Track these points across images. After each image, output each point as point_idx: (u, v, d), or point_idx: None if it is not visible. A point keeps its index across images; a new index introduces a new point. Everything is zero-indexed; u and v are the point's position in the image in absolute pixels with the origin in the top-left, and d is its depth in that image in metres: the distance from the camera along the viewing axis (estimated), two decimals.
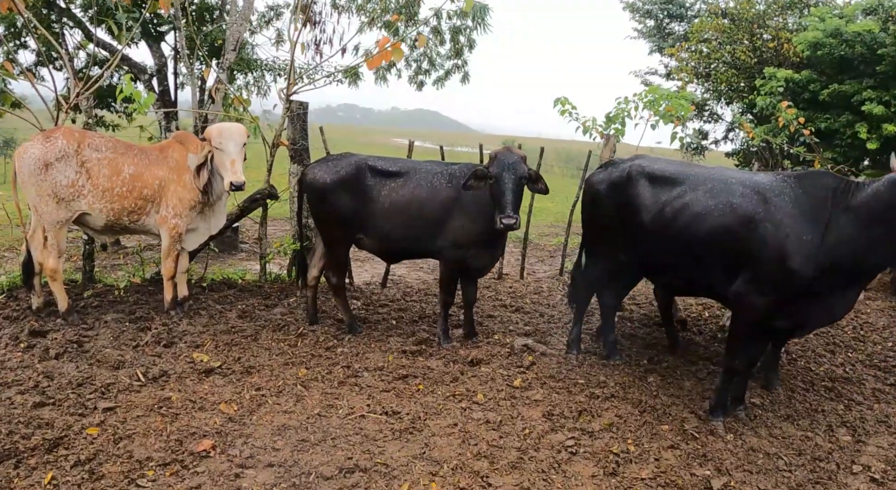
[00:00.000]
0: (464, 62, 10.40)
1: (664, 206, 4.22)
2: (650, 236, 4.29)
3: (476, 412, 4.08)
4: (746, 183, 3.98)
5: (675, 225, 4.12)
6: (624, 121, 7.27)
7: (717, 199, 3.99)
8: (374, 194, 4.88)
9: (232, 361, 4.62)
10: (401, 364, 4.69)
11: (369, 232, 4.97)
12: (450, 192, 4.83)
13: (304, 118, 5.86)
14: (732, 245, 3.88)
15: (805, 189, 3.77)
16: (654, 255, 4.36)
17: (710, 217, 3.98)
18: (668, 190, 4.26)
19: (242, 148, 4.95)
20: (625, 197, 4.46)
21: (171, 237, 5.13)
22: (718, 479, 3.55)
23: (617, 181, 4.56)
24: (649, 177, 4.40)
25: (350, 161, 4.96)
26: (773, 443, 4.01)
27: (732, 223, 3.89)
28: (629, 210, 4.42)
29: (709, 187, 4.08)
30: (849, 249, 3.55)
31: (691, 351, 5.40)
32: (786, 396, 4.67)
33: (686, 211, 4.09)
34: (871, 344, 6.05)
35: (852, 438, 4.19)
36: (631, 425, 4.01)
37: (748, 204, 3.87)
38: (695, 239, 4.03)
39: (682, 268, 4.22)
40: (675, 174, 4.31)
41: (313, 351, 4.86)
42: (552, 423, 3.98)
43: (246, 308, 5.53)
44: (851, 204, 3.58)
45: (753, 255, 3.79)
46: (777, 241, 3.70)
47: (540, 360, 4.83)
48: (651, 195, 4.32)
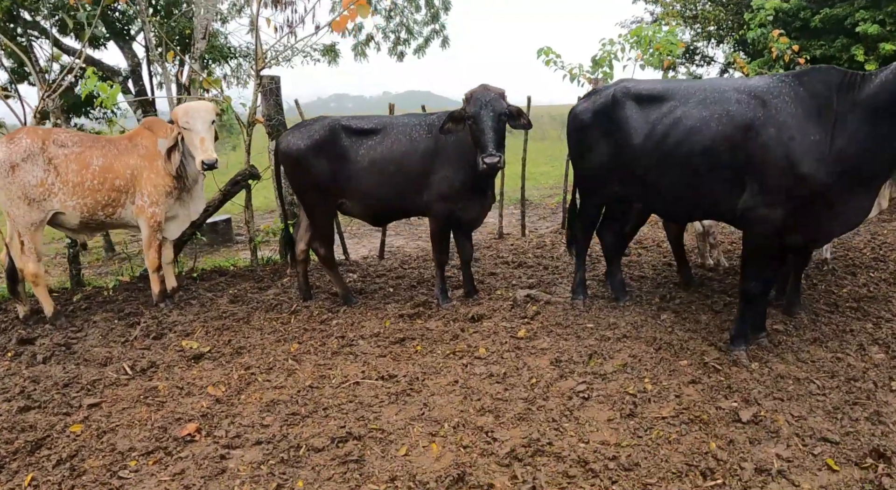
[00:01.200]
0: (442, 26, 9.90)
1: (655, 124, 3.78)
2: (644, 160, 3.85)
3: (478, 367, 3.69)
4: (741, 88, 3.54)
5: (670, 142, 3.69)
6: (611, 64, 6.78)
7: (711, 109, 3.57)
8: (351, 155, 4.48)
9: (222, 345, 4.27)
10: (398, 329, 4.31)
11: (351, 195, 4.57)
12: (429, 142, 4.41)
13: (278, 92, 5.46)
14: (734, 156, 3.46)
15: (807, 87, 3.31)
16: (651, 181, 3.90)
17: (706, 128, 3.55)
18: (658, 107, 3.82)
19: (211, 125, 4.57)
20: (613, 122, 4.02)
21: (150, 227, 4.77)
22: (747, 410, 3.13)
23: (602, 108, 4.11)
24: (636, 97, 3.95)
25: (323, 124, 4.56)
26: (802, 367, 3.57)
27: (730, 132, 3.46)
28: (619, 135, 3.98)
29: (700, 98, 3.65)
30: (861, 148, 3.13)
31: (706, 286, 4.95)
32: (810, 320, 4.22)
33: (679, 126, 3.66)
34: (892, 262, 5.56)
35: (886, 355, 3.74)
36: (647, 364, 3.59)
37: (745, 110, 3.43)
38: (692, 155, 3.60)
39: (683, 189, 3.75)
40: (663, 91, 3.88)
41: (307, 326, 4.50)
42: (561, 370, 3.58)
43: (238, 293, 5.17)
44: (859, 98, 3.15)
45: (758, 163, 3.37)
46: (782, 145, 3.28)
47: (545, 309, 4.42)
48: (640, 115, 3.88)
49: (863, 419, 3.09)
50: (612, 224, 4.53)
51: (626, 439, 2.94)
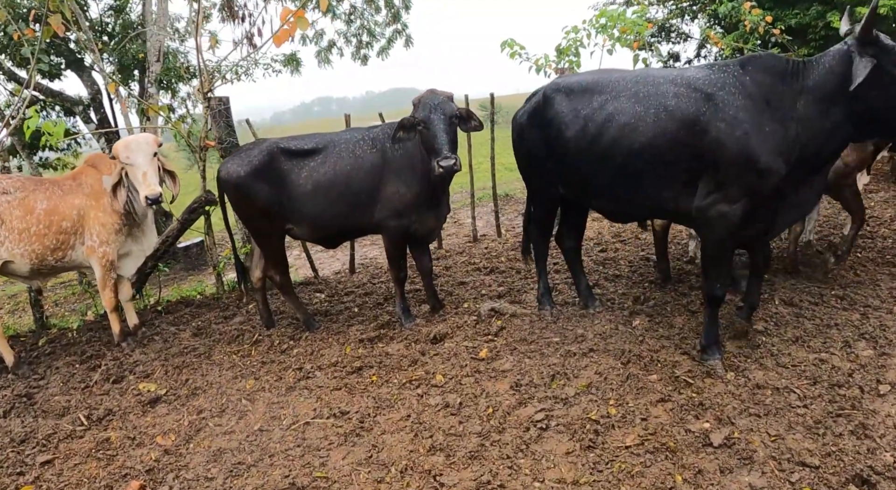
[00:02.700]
0: (404, 26, 9.43)
1: (587, 120, 3.39)
2: (580, 159, 3.46)
3: (433, 397, 3.34)
4: (678, 81, 3.16)
5: (604, 140, 3.30)
6: (577, 51, 6.31)
7: (646, 104, 3.20)
8: (293, 178, 4.09)
9: (179, 386, 3.98)
10: (357, 355, 3.97)
11: (298, 220, 4.19)
12: (376, 157, 4.03)
13: (228, 114, 5.09)
14: (679, 154, 3.11)
15: (752, 77, 3.03)
16: (590, 181, 3.51)
17: (642, 125, 3.18)
18: (588, 101, 3.43)
19: (153, 158, 4.23)
20: (546, 120, 3.62)
21: (102, 266, 4.46)
22: (719, 432, 2.76)
23: (535, 108, 3.72)
24: (566, 91, 3.56)
25: (261, 148, 4.17)
26: (783, 374, 3.18)
27: (672, 128, 3.10)
28: (552, 134, 3.59)
29: (633, 92, 3.26)
30: (813, 135, 2.94)
31: (683, 282, 4.55)
32: (793, 316, 3.81)
33: (612, 122, 3.28)
34: (881, 239, 5.10)
35: (874, 352, 3.34)
36: (613, 382, 3.22)
37: (687, 104, 3.09)
38: (630, 153, 3.22)
39: (624, 189, 3.35)
40: (593, 83, 3.46)
41: (266, 357, 4.18)
42: (520, 396, 3.22)
43: (201, 324, 4.86)
44: (806, 86, 2.95)
45: (711, 161, 3.04)
46: (736, 140, 2.97)
47: (510, 322, 4.04)
48: (570, 111, 3.49)
49: (847, 434, 2.70)
50: (569, 230, 4.13)
51: (584, 476, 2.59)
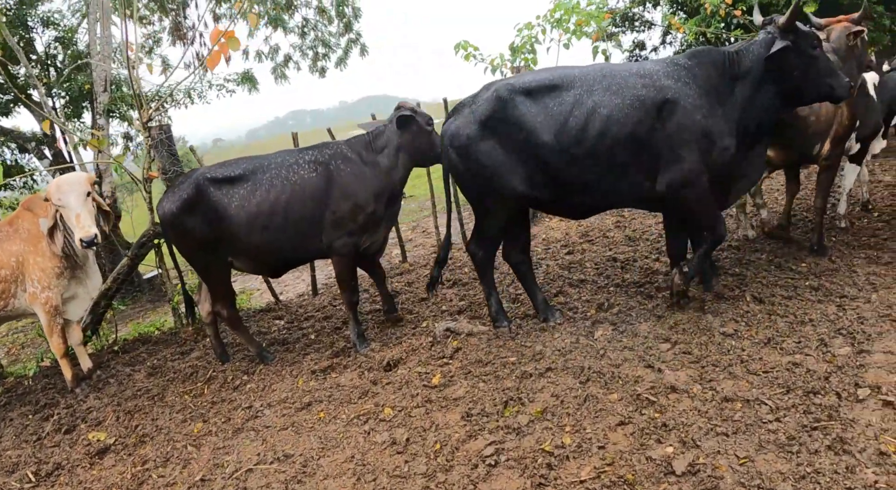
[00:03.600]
0: (357, 35, 9.12)
1: (565, 116, 3.29)
2: (559, 155, 3.32)
3: (380, 433, 3.02)
4: (642, 73, 3.34)
5: (588, 134, 3.27)
6: (533, 47, 5.99)
7: (623, 95, 3.28)
8: (224, 211, 3.74)
9: (128, 433, 3.67)
10: (308, 389, 3.66)
11: (238, 253, 3.87)
12: (318, 180, 3.73)
13: (170, 142, 4.80)
14: (652, 139, 3.27)
15: (700, 68, 3.35)
16: (568, 176, 3.38)
17: (624, 116, 3.26)
18: (557, 99, 3.33)
19: (87, 198, 3.92)
20: (507, 125, 3.34)
21: (47, 313, 4.16)
22: (683, 458, 2.43)
23: (489, 114, 3.39)
24: (524, 92, 3.34)
25: (189, 180, 3.82)
26: (754, 383, 2.85)
27: (645, 116, 3.26)
28: (521, 136, 3.34)
29: (606, 85, 3.32)
30: (753, 114, 3.33)
31: (650, 283, 4.22)
32: (765, 313, 3.48)
33: (595, 115, 3.27)
34: (857, 219, 4.76)
35: (852, 349, 3.01)
36: (569, 406, 2.89)
37: (654, 93, 3.27)
38: (614, 144, 3.27)
39: (608, 180, 3.36)
40: (555, 80, 3.37)
41: (217, 396, 3.87)
42: (471, 427, 2.90)
43: (157, 363, 4.54)
44: (741, 71, 3.33)
45: (676, 142, 3.25)
46: (696, 123, 3.24)
47: (466, 343, 3.72)
48: (541, 111, 3.33)
49: (823, 450, 2.38)
50: (515, 244, 3.81)
51: None
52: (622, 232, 5.45)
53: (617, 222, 5.79)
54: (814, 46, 3.23)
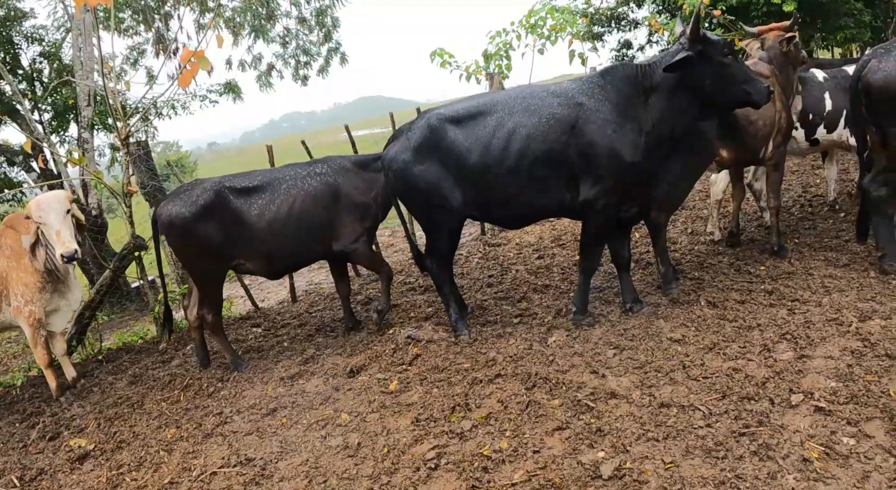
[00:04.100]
0: (337, 44, 9.27)
1: (489, 139, 3.51)
2: (486, 174, 3.54)
3: (335, 438, 3.13)
4: (557, 93, 3.53)
5: (509, 153, 3.48)
6: (508, 54, 6.04)
7: (539, 115, 3.47)
8: (245, 216, 4.02)
9: (107, 439, 3.81)
10: (275, 395, 3.78)
11: (252, 256, 4.11)
12: (328, 190, 4.08)
13: (148, 158, 4.94)
14: (567, 155, 3.44)
15: (612, 85, 3.47)
16: (494, 193, 3.60)
17: (540, 134, 3.45)
18: (482, 123, 3.55)
19: (66, 215, 4.07)
20: (437, 150, 3.60)
21: (31, 326, 4.32)
22: (610, 463, 2.50)
23: (420, 141, 3.65)
24: (453, 120, 3.60)
25: (205, 187, 4.04)
26: (692, 388, 2.90)
27: (560, 134, 3.43)
28: (449, 160, 3.58)
29: (524, 107, 3.52)
30: (668, 124, 3.42)
31: (611, 287, 4.26)
32: (715, 318, 3.52)
33: (515, 135, 3.48)
34: (821, 220, 4.75)
35: (794, 354, 3.04)
36: (512, 411, 2.97)
37: (568, 112, 3.44)
38: (534, 161, 3.47)
39: (524, 192, 3.54)
40: (480, 106, 3.61)
41: (192, 403, 4.00)
42: (419, 431, 2.99)
43: (138, 371, 4.69)
44: (654, 83, 3.42)
45: (589, 158, 3.41)
46: (606, 138, 3.37)
47: (426, 349, 3.80)
48: (467, 136, 3.56)
49: (748, 456, 2.42)
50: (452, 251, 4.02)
51: None
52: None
53: None
54: (724, 54, 3.27)
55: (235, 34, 7.83)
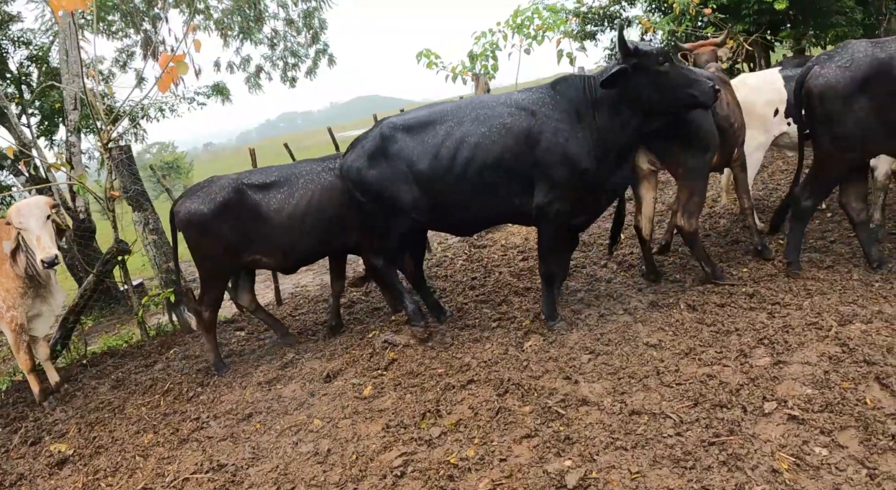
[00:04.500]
0: (325, 45, 9.22)
1: (437, 148, 3.57)
2: (437, 181, 3.59)
3: (306, 444, 3.08)
4: (509, 103, 3.59)
5: (458, 161, 3.53)
6: (494, 54, 5.96)
7: (489, 125, 3.52)
8: (263, 211, 4.03)
9: (87, 445, 3.79)
10: (252, 400, 3.73)
11: (268, 251, 4.12)
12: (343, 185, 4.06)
13: (131, 162, 4.90)
14: (521, 163, 3.49)
15: (562, 95, 3.54)
16: (445, 200, 3.65)
17: (490, 142, 3.50)
18: (432, 132, 3.60)
19: (46, 221, 4.04)
20: (389, 157, 3.67)
21: (13, 331, 4.29)
22: (576, 472, 2.43)
23: (373, 149, 3.74)
24: (405, 128, 3.67)
25: (223, 184, 4.07)
26: (665, 395, 2.82)
27: (513, 142, 3.48)
28: (400, 167, 3.65)
29: (474, 116, 3.57)
30: (613, 134, 3.47)
31: (591, 290, 4.18)
32: (694, 322, 3.43)
33: (464, 144, 3.53)
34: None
35: (770, 360, 2.95)
36: (482, 418, 2.90)
37: (520, 121, 3.49)
38: (482, 168, 3.51)
39: (474, 199, 3.60)
40: (432, 115, 3.68)
41: (171, 408, 3.96)
42: (389, 438, 2.93)
43: (121, 376, 4.65)
44: (598, 96, 3.47)
45: (543, 166, 3.46)
46: (560, 146, 3.43)
47: (403, 354, 3.74)
48: (417, 144, 3.62)
49: (717, 466, 2.34)
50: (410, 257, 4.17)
51: None
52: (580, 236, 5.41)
53: None
54: (661, 62, 3.30)
55: (224, 36, 7.79)
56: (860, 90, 3.27)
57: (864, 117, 3.29)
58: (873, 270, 3.64)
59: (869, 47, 3.33)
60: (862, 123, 3.31)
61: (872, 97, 3.26)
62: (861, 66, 3.27)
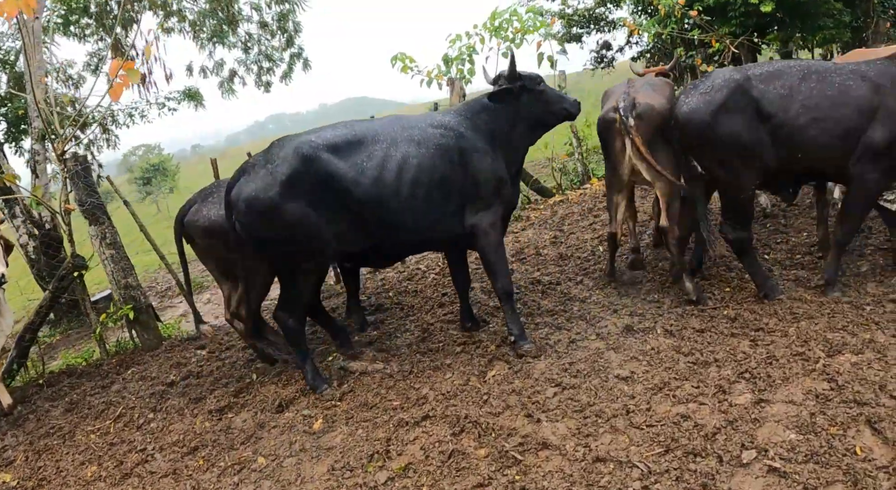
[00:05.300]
0: (300, 49, 8.85)
1: (380, 170, 3.27)
2: (375, 207, 3.27)
3: (247, 485, 2.75)
4: (436, 124, 3.50)
5: (401, 184, 3.29)
6: (471, 58, 5.61)
7: (427, 146, 3.39)
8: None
9: (31, 475, 3.46)
10: (201, 431, 3.40)
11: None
12: None
13: (87, 173, 4.55)
14: (455, 184, 3.42)
15: (479, 118, 3.57)
16: (381, 226, 3.35)
17: (430, 164, 3.34)
18: (366, 153, 3.30)
19: None
20: (315, 183, 3.16)
21: None
22: None
23: (291, 174, 3.11)
24: (331, 149, 3.24)
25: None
26: (633, 438, 2.48)
27: (448, 163, 3.39)
28: (329, 194, 3.20)
29: (408, 137, 3.39)
30: (516, 148, 3.68)
31: (564, 311, 3.84)
32: (670, 350, 3.09)
33: (407, 165, 3.31)
34: (795, 233, 4.30)
35: (752, 397, 2.62)
36: (433, 461, 2.57)
37: (451, 142, 3.44)
38: (428, 190, 3.34)
39: (418, 224, 3.39)
40: (358, 135, 3.35)
41: (119, 436, 3.63)
42: (332, 482, 2.61)
43: (76, 398, 4.32)
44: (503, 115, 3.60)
45: (475, 184, 3.45)
46: (487, 164, 3.49)
47: (359, 382, 3.40)
48: (352, 167, 3.24)
49: None
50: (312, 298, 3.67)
51: None
52: (556, 249, 5.06)
53: (554, 238, 5.39)
54: (539, 83, 3.66)
55: (197, 38, 7.43)
56: (723, 113, 3.26)
57: (732, 139, 3.26)
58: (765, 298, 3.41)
59: (728, 73, 3.37)
60: (731, 145, 3.28)
61: (734, 119, 3.24)
62: (721, 91, 3.28)
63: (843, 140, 3.14)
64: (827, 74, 3.16)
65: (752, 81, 3.24)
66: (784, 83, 3.20)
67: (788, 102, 3.16)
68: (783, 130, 3.19)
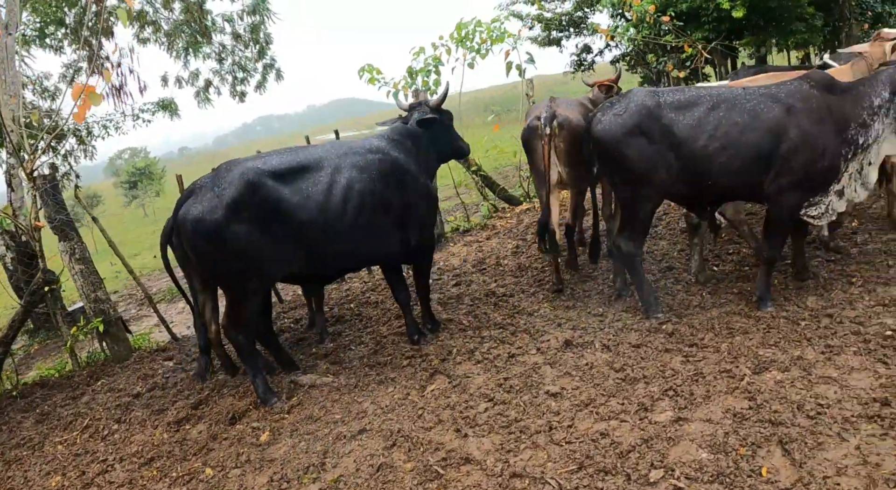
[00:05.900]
0: (272, 60, 8.98)
1: (325, 195, 3.44)
2: (319, 231, 3.43)
3: None
4: (373, 149, 3.70)
5: (348, 208, 3.48)
6: (437, 69, 5.70)
7: (368, 171, 3.60)
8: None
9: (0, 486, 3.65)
10: (159, 442, 3.55)
11: None
12: None
13: (56, 191, 4.70)
14: (397, 207, 3.66)
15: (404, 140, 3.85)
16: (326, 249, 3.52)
17: (372, 188, 3.56)
18: (311, 179, 3.46)
19: None
20: (260, 208, 3.28)
21: None
22: None
23: (237, 198, 3.24)
24: (276, 175, 3.37)
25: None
26: (551, 455, 2.60)
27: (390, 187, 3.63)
28: (275, 218, 3.33)
29: (351, 163, 3.57)
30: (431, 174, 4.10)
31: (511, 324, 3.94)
32: (604, 366, 3.19)
33: (352, 191, 3.50)
34: (747, 245, 4.35)
35: (672, 414, 2.72)
36: (362, 475, 2.70)
37: (390, 167, 3.67)
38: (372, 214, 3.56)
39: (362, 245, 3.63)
40: (303, 161, 3.51)
41: (84, 447, 3.79)
42: None
43: (47, 409, 4.48)
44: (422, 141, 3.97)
45: (412, 205, 3.72)
46: (420, 187, 3.76)
47: (308, 396, 3.54)
48: (296, 192, 3.40)
49: None
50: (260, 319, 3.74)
51: None
52: (516, 259, 5.16)
53: (516, 247, 5.49)
54: (450, 119, 4.18)
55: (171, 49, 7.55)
56: (631, 136, 3.36)
57: (637, 162, 3.38)
58: None
59: (642, 97, 3.44)
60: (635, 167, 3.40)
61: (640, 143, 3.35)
62: (632, 116, 3.39)
63: (756, 163, 3.24)
64: (737, 101, 3.25)
65: (662, 109, 3.35)
66: (694, 113, 3.28)
67: (697, 132, 3.26)
68: (691, 158, 3.29)
